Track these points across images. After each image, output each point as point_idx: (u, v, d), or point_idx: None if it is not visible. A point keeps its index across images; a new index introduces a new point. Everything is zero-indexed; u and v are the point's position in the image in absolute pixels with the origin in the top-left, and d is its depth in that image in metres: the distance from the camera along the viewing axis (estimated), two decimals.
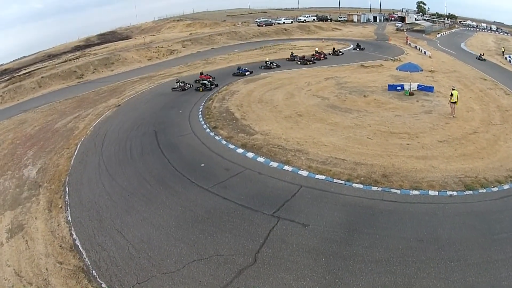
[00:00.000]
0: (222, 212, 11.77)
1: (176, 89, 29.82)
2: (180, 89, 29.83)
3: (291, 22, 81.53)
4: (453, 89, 21.37)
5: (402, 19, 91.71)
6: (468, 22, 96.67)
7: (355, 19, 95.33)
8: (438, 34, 74.01)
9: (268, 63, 37.80)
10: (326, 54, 42.95)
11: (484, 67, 40.22)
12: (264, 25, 76.96)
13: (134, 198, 13.21)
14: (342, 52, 46.23)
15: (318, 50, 43.87)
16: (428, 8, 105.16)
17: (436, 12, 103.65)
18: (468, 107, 22.98)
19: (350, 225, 10.95)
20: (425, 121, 20.09)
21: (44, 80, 40.38)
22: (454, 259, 9.35)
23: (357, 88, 27.63)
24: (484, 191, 12.84)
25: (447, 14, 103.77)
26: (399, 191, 12.75)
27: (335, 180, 13.67)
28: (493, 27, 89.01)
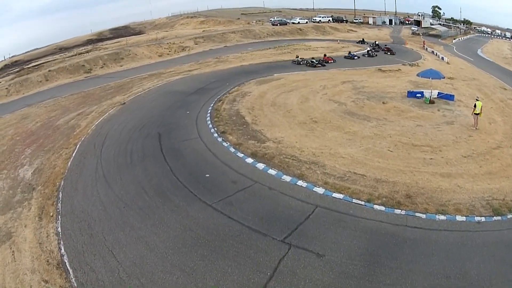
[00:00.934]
0: (226, 235, 10.45)
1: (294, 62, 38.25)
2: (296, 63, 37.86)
3: (306, 22, 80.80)
4: (476, 99, 20.44)
5: (418, 23, 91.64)
6: (483, 29, 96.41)
7: (371, 21, 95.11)
8: (454, 39, 73.68)
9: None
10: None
11: (502, 75, 39.23)
12: (278, 24, 76.26)
13: (129, 211, 12.00)
14: (358, 56, 44.59)
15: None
16: (443, 12, 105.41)
17: (452, 17, 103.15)
18: (490, 119, 21.73)
19: (371, 256, 9.61)
20: (447, 132, 18.87)
21: (51, 73, 39.65)
22: None
23: (375, 94, 26.34)
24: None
25: (462, 19, 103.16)
26: (424, 216, 11.47)
27: (354, 200, 12.33)
28: (507, 34, 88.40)
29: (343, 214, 11.55)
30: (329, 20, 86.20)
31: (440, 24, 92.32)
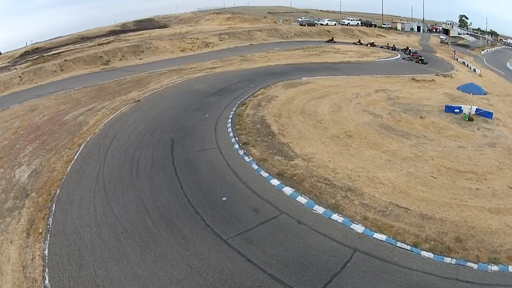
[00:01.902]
0: (243, 285, 8.36)
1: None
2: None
3: (335, 24, 79.62)
4: None
5: (446, 32, 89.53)
6: (509, 41, 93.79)
7: (399, 27, 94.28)
8: (483, 50, 72.00)
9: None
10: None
11: None
12: (306, 24, 74.98)
13: (128, 239, 10.09)
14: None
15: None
16: (470, 22, 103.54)
17: (478, 28, 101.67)
18: None
19: None
20: (490, 156, 16.91)
21: (67, 63, 38.57)
22: None
23: (411, 106, 24.14)
24: None
25: (489, 30, 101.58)
26: (476, 266, 9.58)
27: (398, 244, 10.16)
28: None
29: (386, 262, 9.40)
30: (357, 23, 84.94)
31: (468, 34, 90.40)
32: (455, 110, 23.41)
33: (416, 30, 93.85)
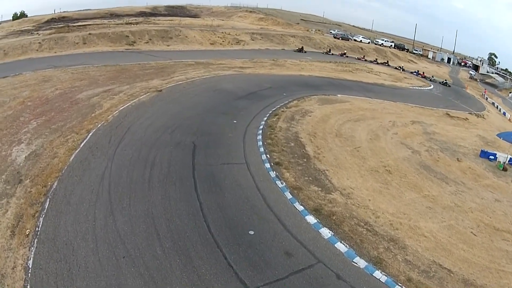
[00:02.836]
0: None
1: None
2: None
3: (368, 43, 78.64)
4: None
5: (476, 68, 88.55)
6: None
7: (430, 55, 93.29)
8: (510, 92, 69.96)
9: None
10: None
11: None
12: (340, 38, 74.10)
13: (130, 268, 8.26)
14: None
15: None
16: (499, 62, 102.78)
17: (506, 68, 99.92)
18: None
19: None
20: None
21: (91, 37, 37.30)
22: None
23: (447, 145, 22.69)
24: None
25: None
26: None
27: None
28: None
29: None
30: (391, 45, 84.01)
31: (497, 73, 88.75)
32: (490, 157, 22.21)
33: (446, 61, 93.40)
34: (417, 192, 15.07)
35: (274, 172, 13.83)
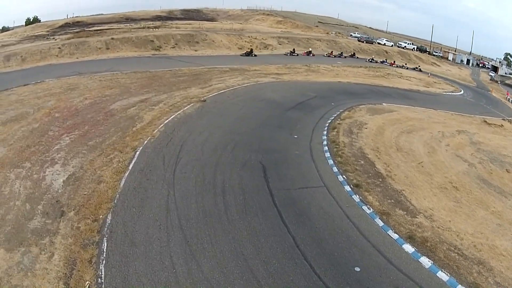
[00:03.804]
0: None
1: None
2: None
3: (392, 46, 78.42)
4: None
5: (495, 69, 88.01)
6: None
7: (450, 57, 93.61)
8: None
9: None
10: None
11: None
12: (365, 41, 74.12)
13: None
14: None
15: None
16: None
17: None
18: None
19: None
20: None
21: (114, 42, 36.20)
22: None
23: (493, 155, 21.67)
24: None
25: None
26: None
27: None
28: None
29: None
30: (413, 48, 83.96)
31: None
32: None
33: (465, 63, 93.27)
34: (485, 209, 14.43)
35: (357, 196, 12.38)
